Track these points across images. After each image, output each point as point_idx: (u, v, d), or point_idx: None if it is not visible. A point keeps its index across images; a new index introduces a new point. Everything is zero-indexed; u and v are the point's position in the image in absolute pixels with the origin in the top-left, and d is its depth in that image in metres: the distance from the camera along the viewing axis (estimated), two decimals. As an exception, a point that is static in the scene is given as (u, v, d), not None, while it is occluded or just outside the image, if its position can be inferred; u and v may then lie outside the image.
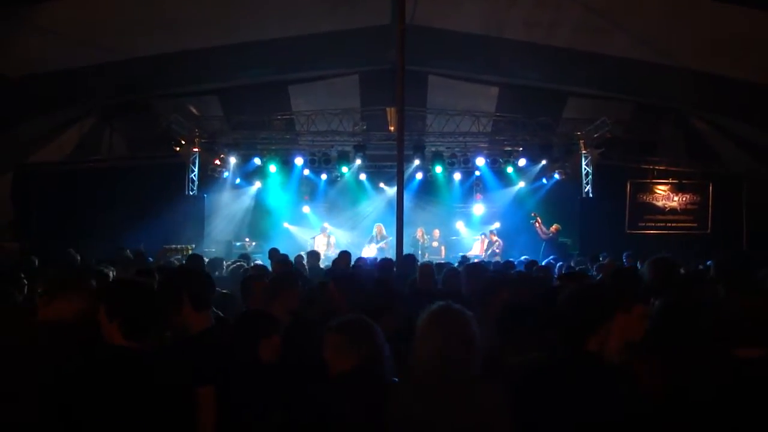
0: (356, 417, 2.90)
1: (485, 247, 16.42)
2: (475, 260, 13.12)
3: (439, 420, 2.74)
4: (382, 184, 18.47)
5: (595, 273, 8.62)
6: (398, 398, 2.83)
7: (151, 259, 10.66)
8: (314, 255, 10.78)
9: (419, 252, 16.12)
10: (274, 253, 10.23)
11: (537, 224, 16.01)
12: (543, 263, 10.29)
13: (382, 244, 16.55)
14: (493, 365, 3.22)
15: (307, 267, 10.06)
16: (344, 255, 9.50)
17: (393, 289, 5.22)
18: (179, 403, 3.01)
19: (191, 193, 17.17)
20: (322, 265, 10.72)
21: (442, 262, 11.61)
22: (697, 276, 6.60)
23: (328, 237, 16.98)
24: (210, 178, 17.46)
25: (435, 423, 2.74)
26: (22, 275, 5.94)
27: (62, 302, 3.52)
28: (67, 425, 2.82)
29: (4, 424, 3.08)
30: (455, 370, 2.81)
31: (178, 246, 13.91)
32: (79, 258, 9.71)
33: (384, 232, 16.89)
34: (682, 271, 6.48)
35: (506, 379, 2.97)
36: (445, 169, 17.37)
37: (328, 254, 14.91)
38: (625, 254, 11.60)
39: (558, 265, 10.44)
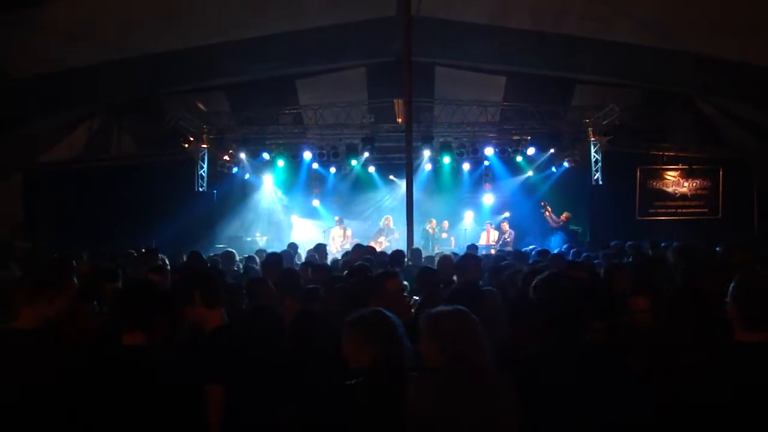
0: (373, 412, 2.90)
1: (495, 236, 16.39)
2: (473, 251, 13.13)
3: (461, 414, 2.75)
4: (391, 176, 18.44)
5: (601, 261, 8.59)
6: (418, 393, 2.83)
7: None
8: (321, 249, 10.74)
9: (430, 244, 16.11)
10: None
11: (547, 213, 15.99)
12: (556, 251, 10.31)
13: (393, 236, 16.54)
14: (505, 357, 3.25)
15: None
16: (357, 248, 9.52)
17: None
18: (186, 400, 3.05)
19: (201, 190, 17.20)
20: (338, 257, 10.75)
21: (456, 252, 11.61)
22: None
23: (344, 230, 17.00)
24: (219, 174, 17.49)
25: (457, 416, 2.75)
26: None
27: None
28: (75, 423, 2.85)
29: None
30: (472, 365, 2.83)
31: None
32: (85, 257, 9.72)
33: (392, 224, 16.89)
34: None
35: (516, 371, 3.01)
36: (453, 159, 17.28)
37: (345, 247, 14.91)
38: (627, 244, 11.50)
39: (572, 252, 10.45)
